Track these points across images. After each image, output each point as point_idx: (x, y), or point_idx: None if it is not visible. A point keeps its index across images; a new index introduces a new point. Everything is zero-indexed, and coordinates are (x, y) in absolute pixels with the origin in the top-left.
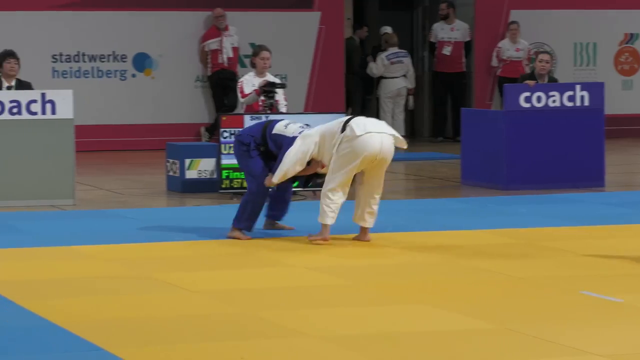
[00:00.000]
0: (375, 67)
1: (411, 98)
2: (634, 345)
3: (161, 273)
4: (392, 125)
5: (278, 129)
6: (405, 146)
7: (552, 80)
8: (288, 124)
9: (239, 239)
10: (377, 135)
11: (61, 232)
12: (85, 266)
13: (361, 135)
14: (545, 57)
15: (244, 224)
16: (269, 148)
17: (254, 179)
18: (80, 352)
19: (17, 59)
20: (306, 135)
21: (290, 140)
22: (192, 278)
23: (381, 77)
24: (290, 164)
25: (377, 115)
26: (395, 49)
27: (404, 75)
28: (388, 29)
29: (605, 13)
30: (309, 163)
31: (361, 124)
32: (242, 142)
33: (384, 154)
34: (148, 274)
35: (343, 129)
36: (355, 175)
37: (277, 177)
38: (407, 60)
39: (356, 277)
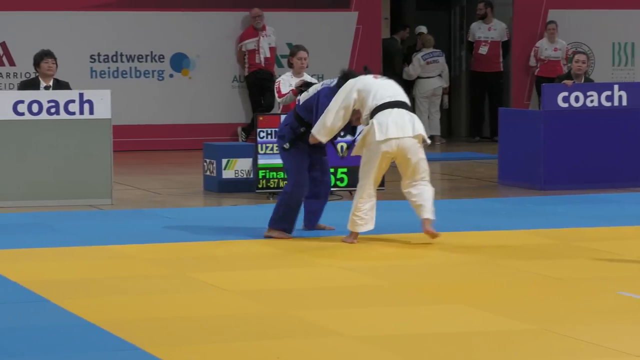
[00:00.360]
0: (412, 69)
1: (445, 97)
2: None
3: (197, 272)
4: (428, 125)
5: (302, 98)
6: (428, 142)
7: (588, 80)
8: (308, 90)
9: (276, 238)
10: (395, 141)
11: (98, 231)
12: (121, 265)
13: (380, 142)
14: (582, 57)
15: (280, 224)
16: (306, 122)
17: (290, 176)
18: (116, 351)
19: (55, 58)
20: (345, 90)
21: (317, 95)
22: (228, 277)
23: (417, 77)
24: (333, 118)
25: None
26: (430, 49)
27: (440, 75)
28: (423, 29)
29: None
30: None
31: (384, 123)
32: (281, 135)
33: (403, 153)
34: (184, 274)
35: (373, 112)
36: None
37: (321, 134)
38: (442, 60)
39: (392, 277)
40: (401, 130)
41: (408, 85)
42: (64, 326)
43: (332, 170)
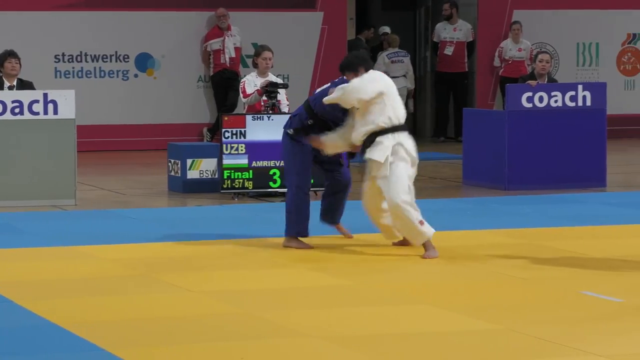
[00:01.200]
0: (376, 67)
1: (411, 102)
2: (634, 346)
3: (162, 273)
4: None
5: (318, 92)
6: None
7: (552, 81)
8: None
9: (295, 248)
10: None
11: (62, 232)
12: (86, 266)
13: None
14: (546, 57)
15: (293, 229)
16: (318, 117)
17: (290, 177)
18: (81, 352)
19: (18, 58)
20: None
21: (331, 86)
22: (194, 278)
23: None
24: (352, 137)
25: None
26: (396, 49)
27: (404, 76)
28: (387, 29)
29: (608, 13)
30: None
31: (385, 147)
32: (288, 131)
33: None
34: (149, 274)
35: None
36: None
37: (330, 147)
38: (407, 61)
39: (357, 277)
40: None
41: None
42: (28, 328)
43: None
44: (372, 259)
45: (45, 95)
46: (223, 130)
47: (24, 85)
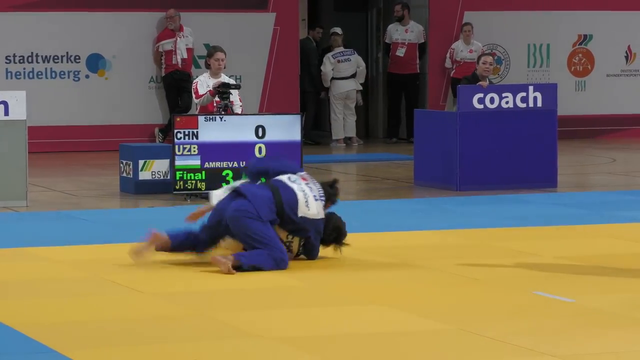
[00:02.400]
0: (323, 67)
1: (359, 95)
2: (584, 346)
3: (114, 275)
4: (344, 127)
5: (300, 207)
6: None
7: (491, 83)
8: (307, 200)
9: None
10: None
11: (13, 233)
12: (37, 268)
13: None
14: (489, 59)
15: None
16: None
17: (268, 245)
18: (32, 354)
19: None
20: None
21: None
22: (145, 280)
23: (332, 78)
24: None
25: (328, 116)
26: (341, 48)
27: (353, 76)
28: (337, 30)
29: (558, 14)
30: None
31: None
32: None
33: None
34: (101, 276)
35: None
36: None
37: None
38: (355, 58)
39: (309, 278)
40: None
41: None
42: None
43: None
44: (322, 261)
45: None
46: (175, 131)
47: None
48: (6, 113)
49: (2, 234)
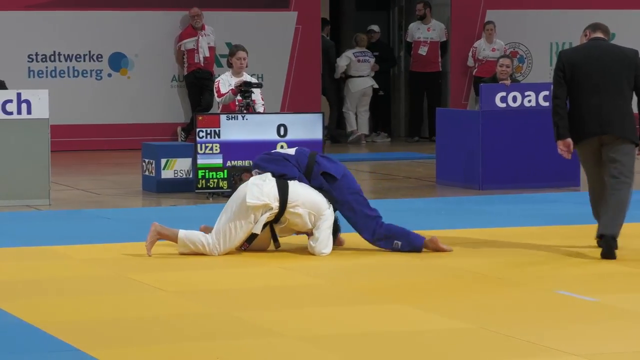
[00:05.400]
0: (339, 60)
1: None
2: (608, 345)
3: (137, 273)
4: (357, 123)
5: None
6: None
7: (515, 81)
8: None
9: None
10: None
11: (36, 232)
12: (60, 266)
13: None
14: (506, 61)
15: None
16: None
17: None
18: (55, 352)
19: None
20: None
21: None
22: (168, 278)
23: (349, 76)
24: None
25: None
26: (363, 49)
27: (369, 75)
28: (374, 27)
29: (580, 13)
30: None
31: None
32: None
33: None
34: (123, 274)
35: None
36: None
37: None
38: (373, 61)
39: (332, 277)
40: None
41: (339, 83)
42: (2, 327)
43: None
44: (342, 258)
45: (18, 95)
46: (197, 129)
47: None
48: (29, 112)
49: (25, 233)
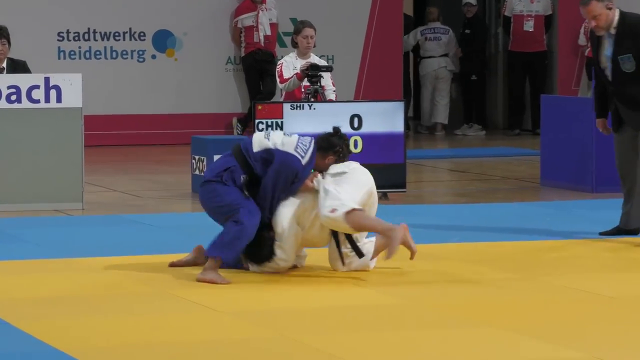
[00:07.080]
0: (405, 39)
1: (453, 85)
2: None
3: (184, 290)
4: (432, 112)
5: (261, 143)
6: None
7: None
8: (269, 134)
9: (209, 282)
10: None
11: (67, 241)
12: (95, 281)
13: None
14: None
15: (221, 252)
16: (255, 172)
17: (235, 209)
18: None
19: (6, 37)
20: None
21: (292, 157)
22: (219, 296)
23: (422, 57)
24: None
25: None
26: (435, 24)
27: (446, 55)
28: (471, 0)
29: None
30: None
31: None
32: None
33: None
34: (168, 291)
35: None
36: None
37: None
38: (447, 38)
39: (411, 295)
40: None
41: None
42: (26, 354)
43: None
44: (427, 275)
45: (46, 79)
46: (257, 121)
47: (16, 65)
48: (59, 100)
49: (54, 242)
